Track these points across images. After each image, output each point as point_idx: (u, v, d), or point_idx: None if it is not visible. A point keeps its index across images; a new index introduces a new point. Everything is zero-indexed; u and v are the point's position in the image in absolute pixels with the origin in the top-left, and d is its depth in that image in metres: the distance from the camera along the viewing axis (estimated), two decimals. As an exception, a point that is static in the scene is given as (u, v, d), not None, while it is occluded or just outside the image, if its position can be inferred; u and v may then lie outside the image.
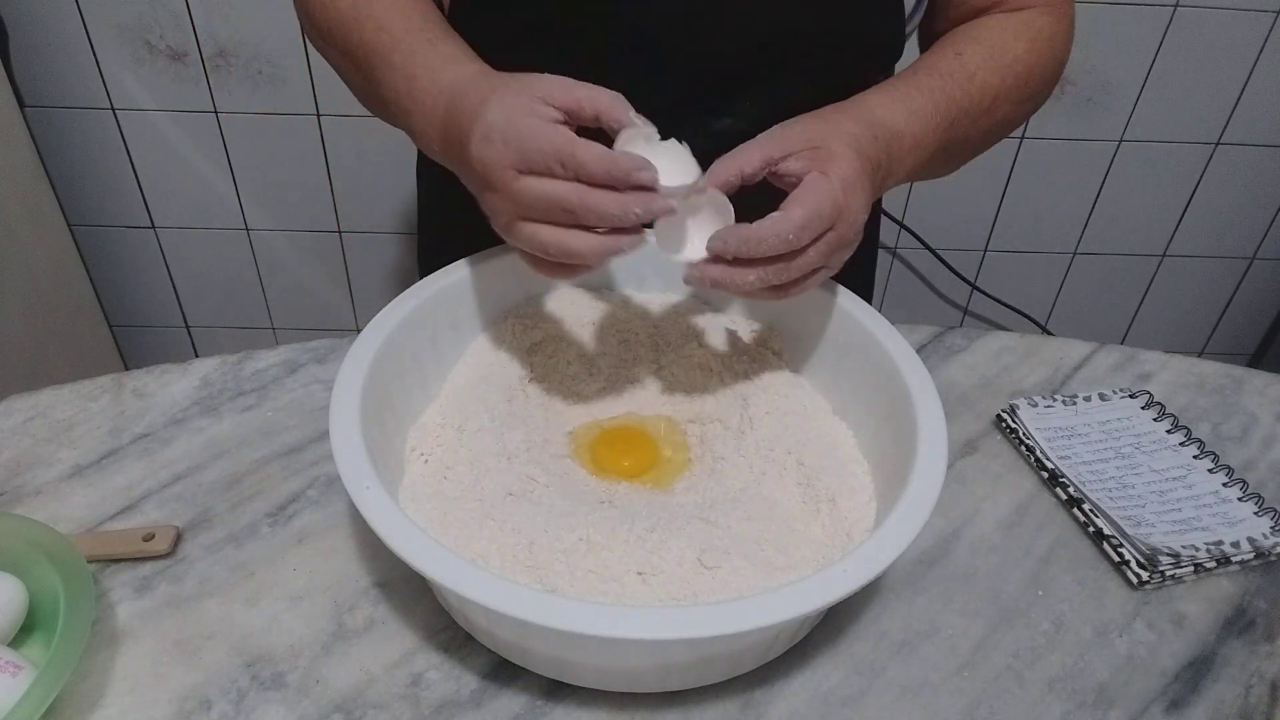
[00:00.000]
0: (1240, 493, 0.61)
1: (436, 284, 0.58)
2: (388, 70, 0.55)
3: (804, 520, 0.52)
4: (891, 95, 0.57)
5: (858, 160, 0.51)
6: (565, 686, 0.48)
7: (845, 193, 0.49)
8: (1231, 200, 1.54)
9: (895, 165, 0.55)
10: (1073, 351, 0.73)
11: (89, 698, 0.47)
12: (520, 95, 0.49)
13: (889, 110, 0.55)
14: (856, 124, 0.53)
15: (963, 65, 0.60)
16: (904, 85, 0.58)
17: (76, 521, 0.56)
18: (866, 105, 0.55)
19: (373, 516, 0.43)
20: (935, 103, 0.57)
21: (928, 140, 0.57)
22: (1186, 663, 0.51)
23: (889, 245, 1.59)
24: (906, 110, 0.56)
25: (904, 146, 0.55)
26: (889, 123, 0.55)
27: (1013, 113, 0.64)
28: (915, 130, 0.56)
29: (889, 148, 0.54)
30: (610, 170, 0.46)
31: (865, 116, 0.54)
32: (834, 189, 0.49)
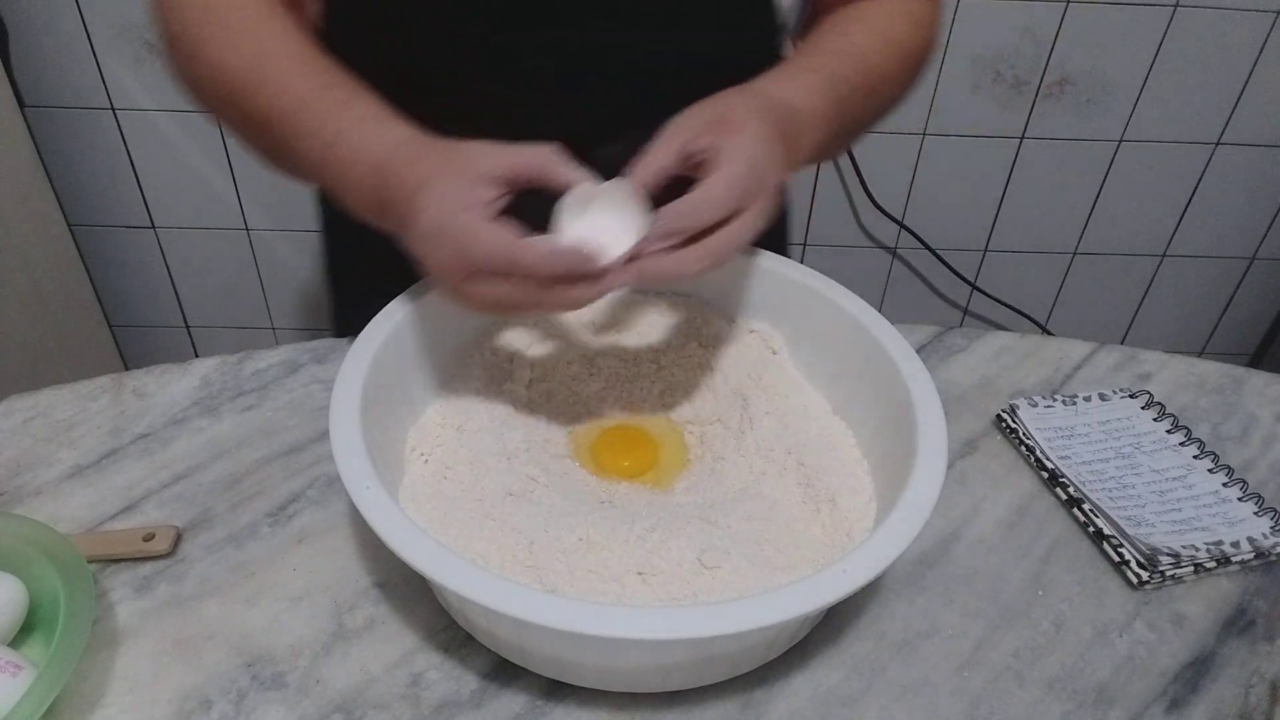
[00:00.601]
0: (1240, 493, 0.61)
1: (436, 284, 0.58)
2: (297, 137, 0.53)
3: (804, 520, 0.52)
4: (784, 75, 0.57)
5: (762, 123, 0.51)
6: (565, 686, 0.48)
7: (759, 147, 0.50)
8: (1231, 200, 1.54)
9: (799, 138, 0.55)
10: (1073, 351, 0.73)
11: (89, 698, 0.47)
12: (456, 182, 0.48)
13: (783, 88, 0.56)
14: (754, 98, 0.54)
15: (852, 44, 0.61)
16: (795, 66, 0.58)
17: (76, 521, 0.56)
18: (760, 85, 0.56)
19: (373, 516, 0.43)
20: (828, 80, 0.57)
21: (825, 116, 0.56)
22: (1186, 663, 0.51)
23: (889, 245, 1.59)
24: (800, 88, 0.56)
25: (803, 121, 0.55)
26: (785, 99, 0.55)
27: (898, 93, 0.65)
28: (812, 106, 0.56)
29: (789, 121, 0.54)
30: (554, 270, 0.46)
31: (760, 93, 0.55)
32: (749, 146, 0.49)
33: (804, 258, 1.58)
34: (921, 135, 1.46)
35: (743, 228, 0.49)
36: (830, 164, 1.49)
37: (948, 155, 1.48)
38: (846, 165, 1.48)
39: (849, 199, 1.53)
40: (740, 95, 0.54)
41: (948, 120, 1.45)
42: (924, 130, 1.46)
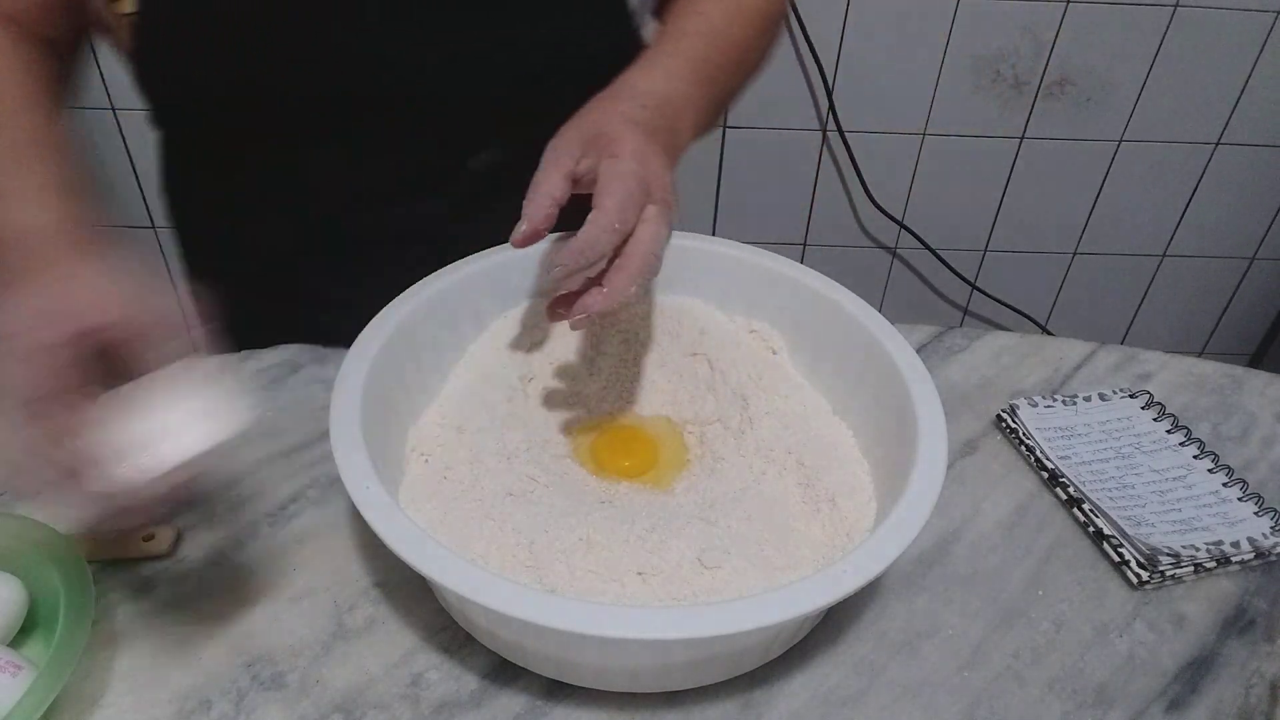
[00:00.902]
0: (1240, 493, 0.61)
1: (437, 284, 0.58)
2: None
3: (804, 520, 0.52)
4: (648, 66, 0.58)
5: (638, 131, 0.52)
6: (565, 686, 0.48)
7: (643, 162, 0.51)
8: (1231, 200, 1.54)
9: (676, 127, 0.56)
10: (1073, 351, 0.73)
11: (89, 698, 0.47)
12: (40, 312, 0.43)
13: (649, 80, 0.57)
14: (623, 102, 0.55)
15: (709, 23, 0.62)
16: (657, 53, 0.60)
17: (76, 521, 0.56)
18: (627, 83, 0.57)
19: (373, 516, 0.43)
20: (693, 63, 0.59)
21: (696, 99, 0.58)
22: (1186, 663, 0.51)
23: (889, 245, 1.59)
24: (664, 75, 0.58)
25: (677, 109, 0.57)
26: (653, 90, 0.56)
27: (759, 59, 0.67)
28: (682, 92, 0.57)
29: (663, 112, 0.55)
30: None
31: (629, 93, 0.56)
32: (630, 164, 0.50)
33: (804, 258, 1.58)
34: (921, 135, 1.47)
35: (652, 235, 0.50)
36: (830, 164, 1.49)
37: (948, 155, 1.48)
38: (846, 165, 1.48)
39: (849, 199, 1.54)
40: (611, 103, 0.55)
41: (948, 120, 1.45)
42: (924, 130, 1.46)
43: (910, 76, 1.41)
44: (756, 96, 1.42)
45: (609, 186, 0.49)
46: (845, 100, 1.42)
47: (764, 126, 1.45)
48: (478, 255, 0.60)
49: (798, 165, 1.50)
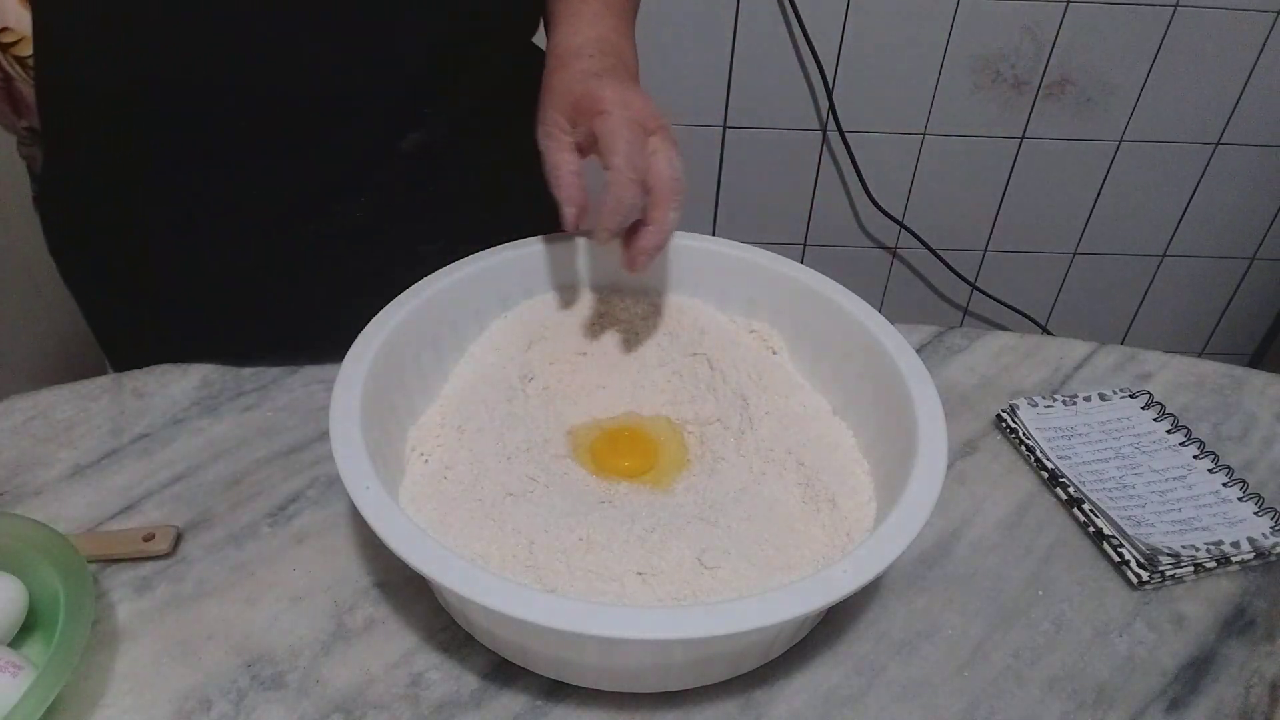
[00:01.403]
0: (1240, 493, 0.61)
1: (436, 284, 0.58)
2: None
3: (804, 520, 0.52)
4: (571, 21, 0.61)
5: (605, 79, 0.55)
6: (565, 686, 0.48)
7: (625, 105, 0.53)
8: (1231, 200, 1.54)
9: (623, 54, 0.60)
10: (1073, 351, 0.73)
11: (89, 698, 0.47)
12: None
13: (579, 33, 0.60)
14: (574, 62, 0.58)
15: None
16: (567, 9, 0.62)
17: (76, 521, 0.56)
18: (562, 45, 0.60)
19: (373, 516, 0.43)
20: (604, 5, 0.62)
21: (621, 25, 0.62)
22: (1186, 663, 0.51)
23: (889, 245, 1.59)
24: (589, 22, 0.60)
25: (613, 42, 0.60)
26: (589, 39, 0.59)
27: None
28: (609, 26, 0.61)
29: (608, 51, 0.59)
30: None
31: (572, 52, 0.59)
32: (617, 114, 0.53)
33: (804, 258, 1.58)
34: (921, 135, 1.47)
35: (666, 163, 0.54)
36: (830, 164, 1.49)
37: (948, 155, 1.48)
38: (846, 165, 1.48)
39: (849, 199, 1.54)
40: (563, 70, 0.58)
41: (948, 120, 1.45)
42: (924, 130, 1.46)
43: (910, 76, 1.41)
44: (756, 96, 1.42)
45: (611, 144, 0.52)
46: (845, 100, 1.42)
47: (764, 126, 1.45)
48: (477, 255, 0.60)
49: (798, 165, 1.50)
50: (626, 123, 0.53)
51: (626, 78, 0.57)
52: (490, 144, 0.69)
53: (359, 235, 0.66)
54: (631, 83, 0.57)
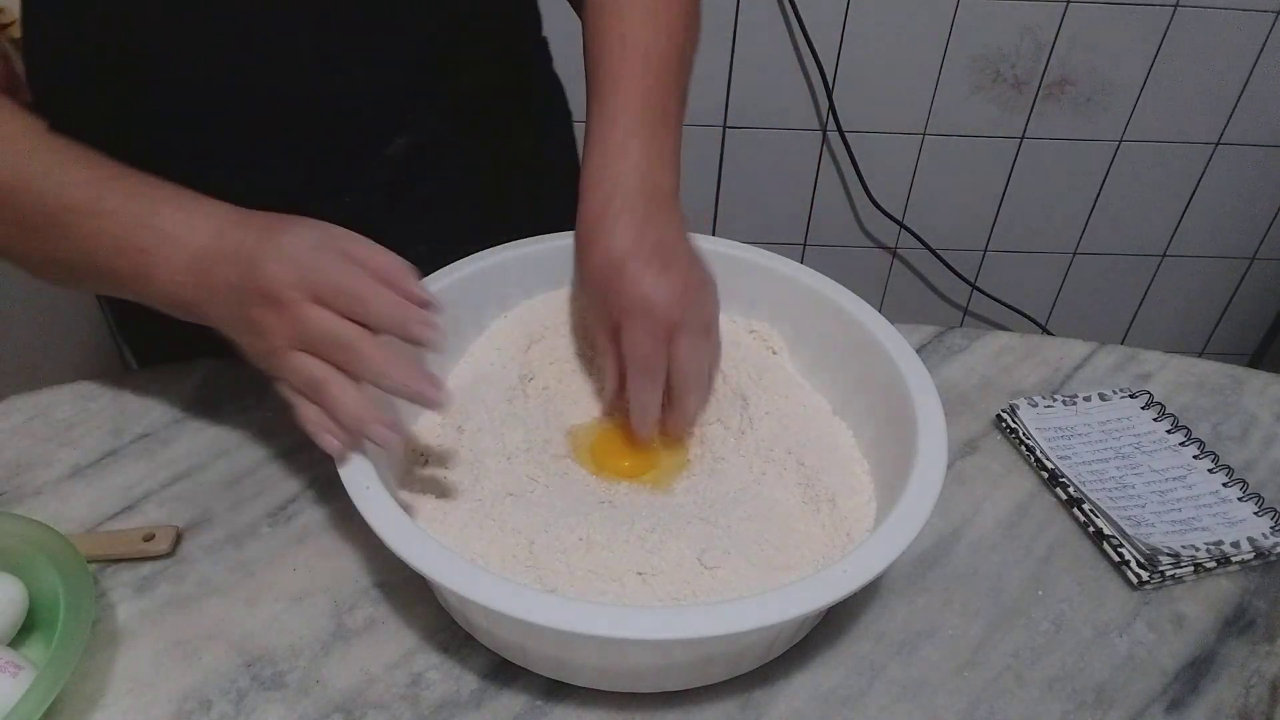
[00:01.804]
0: (1240, 493, 0.61)
1: (436, 284, 0.58)
2: (84, 234, 0.50)
3: (804, 520, 0.52)
4: (600, 145, 0.55)
5: (629, 260, 0.51)
6: (565, 686, 0.48)
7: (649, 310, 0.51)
8: (1231, 200, 1.54)
9: (658, 184, 0.54)
10: (1073, 351, 0.73)
11: (89, 698, 0.47)
12: (323, 233, 0.48)
13: (603, 171, 0.54)
14: (599, 237, 0.52)
15: (636, 50, 0.57)
16: (599, 120, 0.56)
17: (76, 521, 0.56)
18: (587, 197, 0.54)
19: (373, 516, 0.43)
20: (637, 110, 0.56)
21: (659, 140, 0.56)
22: (1186, 663, 0.51)
23: (889, 245, 1.59)
24: (618, 147, 0.55)
25: (643, 171, 0.54)
26: (620, 173, 0.54)
27: (694, 47, 0.63)
28: (640, 147, 0.55)
29: (640, 190, 0.53)
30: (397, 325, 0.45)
31: (592, 218, 0.53)
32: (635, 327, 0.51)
33: (804, 258, 1.58)
34: (921, 135, 1.47)
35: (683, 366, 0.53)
36: (830, 164, 1.49)
37: (948, 155, 1.48)
38: (846, 165, 1.48)
39: (849, 199, 1.54)
40: (594, 251, 0.53)
41: (948, 120, 1.45)
42: (924, 130, 1.46)
43: (910, 76, 1.41)
44: (756, 96, 1.42)
45: (630, 356, 0.52)
46: (845, 100, 1.42)
47: (764, 126, 1.45)
48: (476, 256, 0.60)
49: (798, 165, 1.50)
50: (645, 334, 0.51)
51: (655, 230, 0.52)
52: (484, 145, 0.69)
53: None
54: (655, 244, 0.52)
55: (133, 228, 0.50)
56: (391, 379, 0.45)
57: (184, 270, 0.49)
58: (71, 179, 0.50)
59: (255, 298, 0.46)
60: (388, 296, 0.45)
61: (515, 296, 0.62)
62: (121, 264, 0.50)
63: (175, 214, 0.50)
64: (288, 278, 0.45)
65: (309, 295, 0.45)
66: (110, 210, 0.50)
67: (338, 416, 0.45)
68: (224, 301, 0.48)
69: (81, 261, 0.52)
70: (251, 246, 0.47)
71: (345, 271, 0.46)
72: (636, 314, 0.51)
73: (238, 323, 0.48)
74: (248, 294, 0.47)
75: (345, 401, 0.45)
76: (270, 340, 0.47)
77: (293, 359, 0.46)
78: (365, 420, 0.45)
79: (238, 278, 0.47)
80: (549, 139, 0.78)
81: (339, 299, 0.45)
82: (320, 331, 0.45)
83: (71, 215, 0.50)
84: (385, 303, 0.45)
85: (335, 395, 0.45)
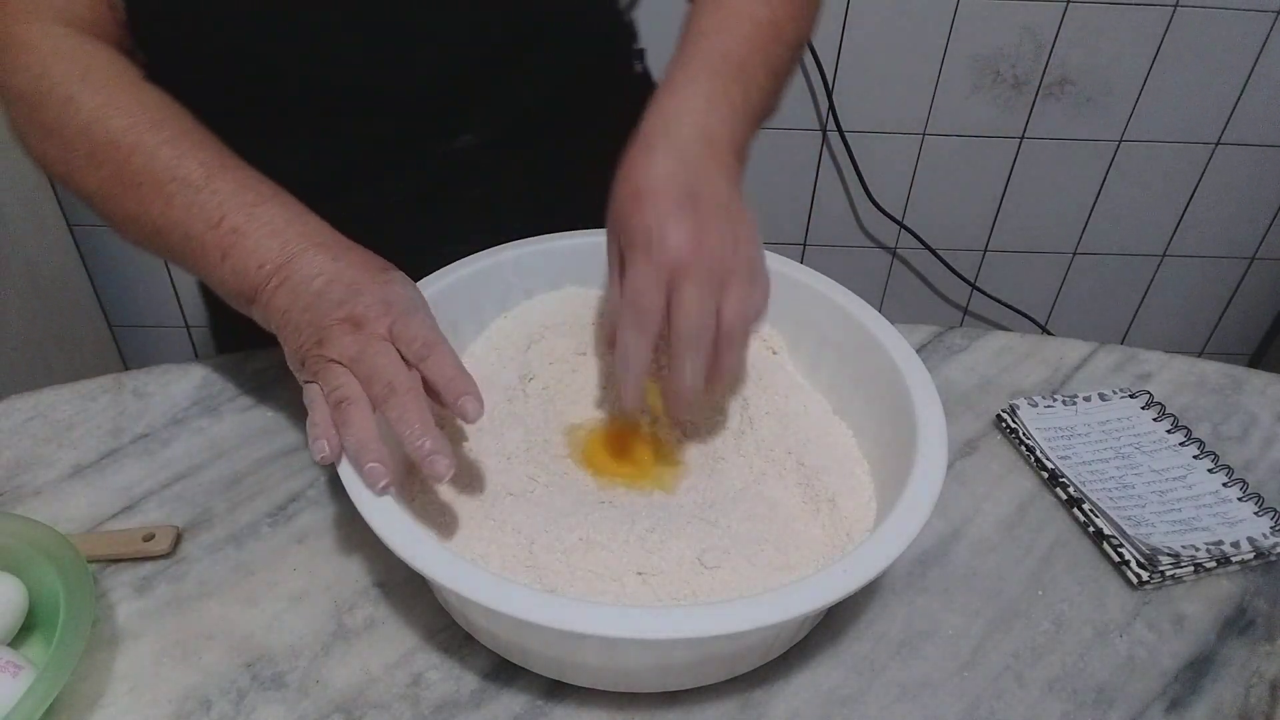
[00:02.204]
0: (1240, 493, 0.61)
1: (436, 284, 0.58)
2: (198, 193, 0.52)
3: (804, 520, 0.52)
4: (661, 90, 0.54)
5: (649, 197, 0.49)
6: (565, 686, 0.48)
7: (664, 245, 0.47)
8: (1231, 200, 1.54)
9: (715, 132, 0.52)
10: (1073, 351, 0.73)
11: (89, 698, 0.47)
12: (420, 296, 0.52)
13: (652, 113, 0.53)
14: (635, 164, 0.51)
15: (729, 10, 0.57)
16: (672, 64, 0.56)
17: (76, 521, 0.56)
18: (650, 124, 0.53)
19: (373, 516, 0.44)
20: (713, 63, 0.55)
21: (727, 91, 0.54)
22: (1186, 663, 0.51)
23: (889, 245, 1.59)
24: (681, 83, 0.54)
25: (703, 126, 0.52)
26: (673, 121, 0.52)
27: (798, 27, 0.62)
28: (700, 94, 0.53)
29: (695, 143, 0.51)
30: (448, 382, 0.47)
31: (634, 150, 0.52)
32: (639, 262, 0.48)
33: (804, 258, 1.58)
34: (921, 135, 1.47)
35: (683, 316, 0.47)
36: (830, 164, 1.49)
37: (948, 155, 1.48)
38: (846, 165, 1.49)
39: (849, 199, 1.54)
40: (629, 170, 0.51)
41: (948, 120, 1.45)
42: (924, 130, 1.46)
43: (910, 76, 1.41)
44: (756, 96, 1.42)
45: (625, 296, 0.49)
46: (845, 100, 1.42)
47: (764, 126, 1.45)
48: (477, 255, 0.60)
49: (798, 165, 1.50)
50: (642, 270, 0.48)
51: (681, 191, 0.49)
52: (555, 148, 0.69)
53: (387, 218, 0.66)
54: (683, 199, 0.49)
55: (235, 209, 0.52)
56: (412, 430, 0.45)
57: (269, 258, 0.51)
58: (189, 155, 0.53)
59: (341, 311, 0.49)
60: (453, 359, 0.48)
61: (515, 296, 0.62)
62: (209, 237, 0.52)
63: (280, 211, 0.52)
64: (380, 309, 0.49)
65: (388, 332, 0.48)
66: (217, 190, 0.52)
67: (345, 435, 0.46)
68: (298, 300, 0.50)
69: (170, 228, 0.53)
70: (358, 271, 0.50)
71: (427, 325, 0.49)
72: (638, 247, 0.48)
73: (303, 324, 0.50)
74: (334, 305, 0.49)
75: (360, 427, 0.45)
76: (327, 350, 0.48)
77: (336, 371, 0.48)
78: (368, 451, 0.45)
79: (327, 287, 0.50)
80: None
81: (411, 344, 0.47)
82: (379, 363, 0.47)
83: (178, 186, 0.52)
84: (448, 363, 0.47)
85: (354, 418, 0.46)
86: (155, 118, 0.54)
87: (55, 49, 0.55)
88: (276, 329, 0.51)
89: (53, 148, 0.55)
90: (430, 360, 0.47)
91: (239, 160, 0.55)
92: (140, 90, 0.56)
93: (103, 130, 0.53)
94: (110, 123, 0.53)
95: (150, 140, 0.53)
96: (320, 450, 0.46)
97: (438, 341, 0.48)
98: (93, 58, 0.55)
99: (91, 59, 0.55)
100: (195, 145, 0.54)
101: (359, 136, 0.63)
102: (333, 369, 0.48)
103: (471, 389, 0.46)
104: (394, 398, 0.46)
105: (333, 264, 0.51)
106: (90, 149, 0.53)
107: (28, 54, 0.55)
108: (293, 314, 0.50)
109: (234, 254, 0.52)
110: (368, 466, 0.44)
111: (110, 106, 0.54)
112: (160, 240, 0.54)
